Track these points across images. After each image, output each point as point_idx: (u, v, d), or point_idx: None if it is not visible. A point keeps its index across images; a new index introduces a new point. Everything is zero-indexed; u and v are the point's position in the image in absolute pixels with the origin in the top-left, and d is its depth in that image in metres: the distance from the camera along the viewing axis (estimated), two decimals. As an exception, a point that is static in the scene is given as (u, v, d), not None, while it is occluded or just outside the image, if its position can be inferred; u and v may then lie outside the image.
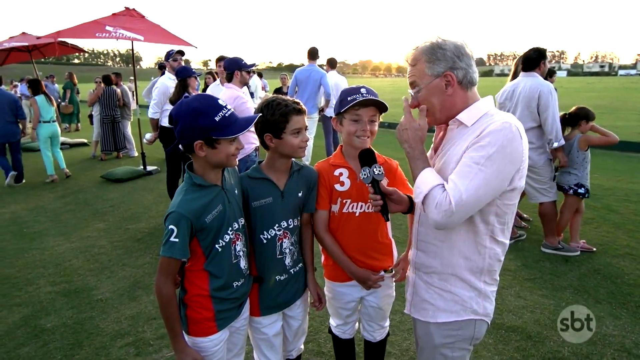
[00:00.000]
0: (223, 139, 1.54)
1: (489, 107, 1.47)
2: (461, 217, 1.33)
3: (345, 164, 1.92)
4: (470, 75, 1.45)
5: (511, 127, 1.33)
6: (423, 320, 1.60)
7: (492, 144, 1.31)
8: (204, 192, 1.60)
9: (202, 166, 1.61)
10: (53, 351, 2.87)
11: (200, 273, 1.66)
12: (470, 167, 1.32)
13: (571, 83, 45.31)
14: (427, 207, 1.37)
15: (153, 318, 3.21)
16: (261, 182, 1.83)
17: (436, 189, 1.36)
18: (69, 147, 11.14)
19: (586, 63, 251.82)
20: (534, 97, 3.89)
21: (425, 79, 1.46)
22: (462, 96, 1.47)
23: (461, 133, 1.47)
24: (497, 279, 1.57)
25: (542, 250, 4.19)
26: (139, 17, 7.97)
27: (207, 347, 1.68)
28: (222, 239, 1.65)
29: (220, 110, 1.53)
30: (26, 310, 3.40)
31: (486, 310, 1.54)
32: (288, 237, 1.87)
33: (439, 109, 1.49)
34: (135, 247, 4.58)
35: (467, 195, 1.30)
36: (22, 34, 10.29)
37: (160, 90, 5.42)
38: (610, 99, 22.94)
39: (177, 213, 1.52)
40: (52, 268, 4.14)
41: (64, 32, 7.58)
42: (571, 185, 4.08)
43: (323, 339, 2.92)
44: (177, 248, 1.51)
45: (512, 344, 2.81)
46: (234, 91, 4.30)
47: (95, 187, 7.21)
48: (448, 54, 1.42)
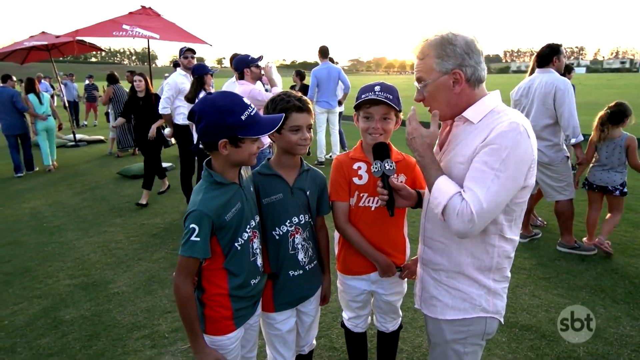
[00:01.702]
0: (248, 138, 1.53)
1: (496, 103, 1.45)
2: (483, 225, 1.33)
3: (364, 158, 1.94)
4: (478, 73, 1.42)
5: (519, 126, 1.31)
6: (432, 317, 1.59)
7: (505, 147, 1.28)
8: (223, 190, 1.59)
9: (222, 164, 1.60)
10: (72, 342, 2.94)
11: (219, 272, 1.65)
12: (486, 173, 1.30)
13: (590, 80, 44.34)
14: (449, 218, 1.35)
15: (168, 311, 3.26)
16: (271, 178, 1.84)
17: (454, 198, 1.34)
18: (87, 144, 11.37)
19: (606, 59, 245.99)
20: (549, 93, 3.82)
21: (433, 74, 1.42)
22: (469, 94, 1.44)
23: (467, 130, 1.44)
24: (508, 276, 1.55)
25: (558, 249, 4.13)
26: (155, 15, 8.08)
27: (224, 345, 1.68)
28: (240, 237, 1.64)
29: (247, 109, 1.52)
30: (46, 302, 3.49)
31: (496, 307, 1.52)
32: (300, 233, 1.88)
33: (444, 105, 1.46)
34: (151, 242, 4.66)
35: (488, 203, 1.29)
36: (42, 33, 10.51)
37: (170, 86, 5.49)
38: (630, 96, 22.37)
39: (199, 211, 1.50)
40: (70, 262, 4.24)
41: (82, 31, 7.74)
42: (617, 186, 3.93)
43: (335, 334, 2.93)
44: (198, 247, 1.49)
45: (526, 343, 2.78)
46: (248, 86, 4.32)
47: (112, 183, 7.35)
48: (458, 50, 1.38)
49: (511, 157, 1.29)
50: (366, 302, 2.16)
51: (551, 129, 3.90)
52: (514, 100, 4.23)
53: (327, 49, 7.78)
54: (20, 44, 10.17)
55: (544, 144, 3.91)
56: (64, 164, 9.07)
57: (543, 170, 4.01)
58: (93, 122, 16.41)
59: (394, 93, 1.81)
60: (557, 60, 3.94)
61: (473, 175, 1.33)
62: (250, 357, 1.95)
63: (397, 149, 1.99)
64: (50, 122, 8.49)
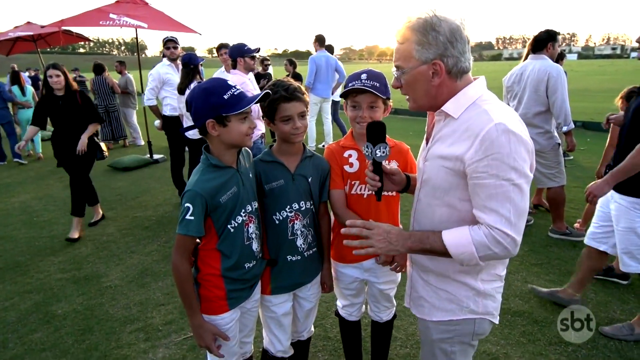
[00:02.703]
0: (232, 115, 1.58)
1: (479, 93, 1.34)
2: (521, 235, 1.27)
3: (354, 145, 1.94)
4: (461, 64, 1.30)
5: (506, 126, 1.21)
6: (420, 317, 1.57)
7: (506, 154, 1.21)
8: (219, 173, 1.65)
9: (218, 147, 1.66)
10: (64, 336, 2.93)
11: (212, 252, 1.72)
12: (503, 187, 1.22)
13: (582, 66, 44.49)
14: (490, 256, 1.28)
15: (161, 304, 3.25)
16: (273, 165, 1.87)
17: (474, 235, 1.27)
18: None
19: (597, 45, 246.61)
20: (542, 80, 3.81)
21: (411, 62, 1.31)
22: (450, 86, 1.33)
23: (450, 127, 1.35)
24: (500, 274, 1.48)
25: (549, 236, 4.16)
26: (143, 4, 7.91)
27: (219, 324, 1.74)
28: (234, 219, 1.70)
29: (230, 89, 1.58)
30: (37, 296, 3.46)
31: (487, 308, 1.46)
32: (300, 219, 1.90)
33: (423, 96, 1.37)
34: (143, 235, 4.63)
35: (517, 216, 1.24)
36: (27, 24, 10.26)
37: (153, 77, 5.44)
38: (622, 82, 22.41)
39: (193, 191, 1.58)
40: (62, 256, 4.20)
41: (68, 20, 7.57)
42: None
43: (329, 324, 2.94)
44: (192, 225, 1.56)
45: (519, 329, 2.81)
46: (240, 77, 4.28)
47: (103, 176, 7.26)
48: (441, 38, 1.26)
49: (517, 159, 1.22)
50: (360, 290, 2.16)
51: (543, 116, 3.90)
52: (506, 86, 4.23)
53: (324, 37, 7.74)
54: (5, 35, 9.93)
55: (535, 131, 3.91)
56: (53, 157, 8.92)
57: (535, 157, 4.01)
58: None
59: (382, 80, 1.79)
60: (552, 47, 3.93)
61: (490, 193, 1.23)
62: (246, 342, 2.00)
63: (387, 136, 1.97)
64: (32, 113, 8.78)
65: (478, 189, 1.26)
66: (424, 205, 1.46)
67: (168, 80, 5.40)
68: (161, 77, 5.41)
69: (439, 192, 1.38)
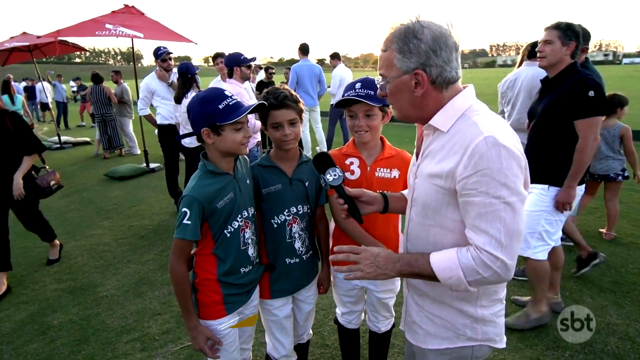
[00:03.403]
0: (227, 125, 1.61)
1: (468, 104, 1.26)
2: (515, 258, 1.18)
3: (356, 153, 1.97)
4: (446, 74, 1.22)
5: (495, 139, 1.13)
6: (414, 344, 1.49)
7: (496, 169, 1.13)
8: (216, 179, 1.69)
9: (214, 154, 1.70)
10: (60, 347, 2.90)
11: (209, 257, 1.75)
12: (493, 205, 1.14)
13: (575, 73, 44.86)
14: (479, 281, 1.19)
15: (158, 314, 3.23)
16: (271, 169, 1.91)
17: (462, 258, 1.19)
18: (72, 146, 11.20)
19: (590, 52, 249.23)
20: (535, 87, 3.84)
21: (393, 71, 1.25)
22: (435, 97, 1.25)
23: (440, 141, 1.27)
24: (501, 297, 1.39)
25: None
26: (139, 14, 7.96)
27: (217, 330, 1.76)
28: (231, 225, 1.73)
29: (225, 99, 1.62)
30: (33, 307, 3.43)
31: (487, 335, 1.36)
32: (297, 223, 1.93)
33: (408, 106, 1.29)
34: (140, 244, 4.61)
35: (507, 238, 1.14)
36: (23, 34, 10.29)
37: (142, 89, 5.72)
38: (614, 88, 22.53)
39: (190, 196, 1.62)
40: (57, 266, 4.17)
41: (64, 31, 7.59)
42: (618, 172, 4.10)
43: (327, 331, 2.93)
44: (189, 230, 1.61)
45: (516, 334, 2.81)
46: (236, 87, 4.30)
47: (99, 185, 7.25)
48: (423, 47, 1.18)
49: (508, 175, 1.13)
50: (359, 298, 2.17)
51: None
52: (500, 92, 4.28)
53: (308, 46, 7.74)
54: (1, 45, 9.94)
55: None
56: (49, 166, 8.91)
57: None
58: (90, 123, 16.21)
59: (376, 88, 1.81)
60: None
61: (479, 212, 1.15)
62: (245, 348, 2.01)
63: (389, 144, 2.01)
64: None
65: (468, 207, 1.18)
66: (416, 225, 1.39)
67: (154, 90, 5.61)
68: (148, 88, 5.65)
69: (430, 212, 1.31)
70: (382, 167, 1.94)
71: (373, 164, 1.94)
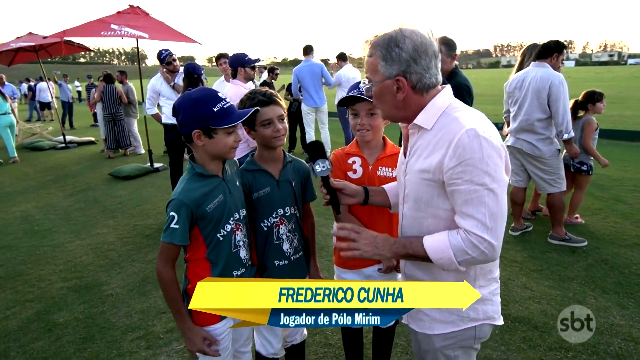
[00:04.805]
0: (220, 129, 1.59)
1: (447, 102, 1.37)
2: (501, 239, 1.28)
3: (359, 152, 1.98)
4: (425, 80, 1.32)
5: (476, 131, 1.24)
6: (421, 332, 1.55)
7: (478, 158, 1.23)
8: (205, 182, 1.65)
9: (202, 156, 1.66)
10: (66, 345, 2.93)
11: (202, 262, 1.70)
12: (477, 192, 1.24)
13: (579, 73, 44.72)
14: (468, 260, 1.29)
15: (162, 312, 3.26)
16: (259, 173, 1.89)
17: (452, 240, 1.29)
18: (77, 146, 11.26)
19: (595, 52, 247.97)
20: (544, 88, 3.84)
21: (378, 76, 1.35)
22: (417, 100, 1.36)
23: (425, 138, 1.37)
24: (496, 276, 1.50)
25: (549, 242, 4.18)
26: (144, 14, 8.00)
27: (213, 335, 1.73)
28: (223, 228, 1.69)
29: (220, 102, 1.58)
30: (39, 305, 3.47)
31: (486, 313, 1.46)
32: (285, 224, 1.92)
33: (392, 108, 1.40)
34: (144, 243, 4.64)
35: (492, 220, 1.25)
36: (29, 34, 10.38)
37: (148, 89, 5.92)
38: (619, 89, 22.67)
39: (179, 200, 1.58)
40: (63, 264, 4.21)
41: (70, 31, 7.64)
42: (574, 163, 4.32)
43: (330, 330, 2.95)
44: (177, 234, 1.57)
45: (519, 335, 2.82)
46: (240, 88, 4.33)
47: (104, 184, 7.29)
48: (404, 55, 1.28)
49: (489, 163, 1.24)
50: None
51: (544, 123, 3.93)
52: (507, 92, 4.27)
53: (310, 46, 7.70)
54: (7, 45, 10.02)
55: (536, 137, 3.95)
56: (54, 165, 9.00)
57: (535, 163, 4.05)
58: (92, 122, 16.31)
59: None
60: (556, 58, 3.95)
61: (465, 198, 1.26)
62: (243, 351, 1.99)
63: (391, 143, 2.02)
64: (11, 119, 9.47)
65: (456, 195, 1.29)
66: (410, 219, 1.48)
67: (160, 90, 5.81)
68: (154, 88, 5.84)
69: (423, 205, 1.40)
70: (384, 165, 1.96)
71: (375, 162, 1.96)
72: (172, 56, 5.71)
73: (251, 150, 4.48)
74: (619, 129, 9.68)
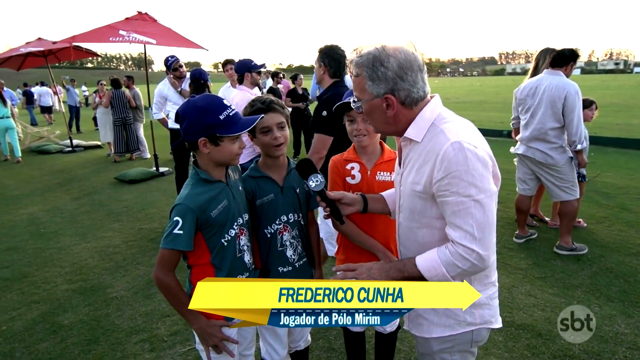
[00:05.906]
0: (226, 136, 1.59)
1: (436, 113, 1.38)
2: (492, 248, 1.31)
3: (357, 158, 1.99)
4: (413, 94, 1.34)
5: (461, 144, 1.26)
6: (419, 336, 1.59)
7: (464, 170, 1.25)
8: (209, 187, 1.65)
9: (206, 163, 1.67)
10: (71, 346, 2.95)
11: (206, 267, 1.70)
12: (464, 203, 1.26)
13: (585, 81, 44.57)
14: (459, 273, 1.32)
15: (167, 315, 3.27)
16: (262, 180, 1.89)
17: (441, 255, 1.32)
18: (83, 150, 11.36)
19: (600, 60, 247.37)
20: (560, 97, 3.78)
21: (366, 95, 1.37)
22: (406, 114, 1.38)
23: (416, 150, 1.40)
24: (493, 280, 1.52)
25: (555, 251, 4.13)
26: (151, 21, 8.09)
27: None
28: (227, 233, 1.69)
29: (225, 110, 1.59)
30: (44, 307, 3.50)
31: (483, 318, 1.48)
32: (288, 231, 1.92)
33: (383, 124, 1.43)
34: (149, 247, 4.67)
35: (481, 230, 1.27)
36: (38, 39, 10.51)
37: (155, 94, 6.05)
38: (625, 97, 22.57)
39: (184, 205, 1.56)
40: (68, 267, 4.24)
41: (79, 36, 7.74)
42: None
43: (333, 335, 2.95)
44: (181, 240, 1.54)
45: (522, 342, 2.81)
46: (246, 94, 4.37)
47: (110, 188, 7.35)
48: (389, 74, 1.30)
49: (475, 175, 1.25)
50: None
51: (558, 132, 3.88)
52: (518, 99, 4.21)
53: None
54: (17, 50, 10.17)
55: (549, 146, 3.92)
56: (61, 169, 9.09)
57: (549, 171, 4.01)
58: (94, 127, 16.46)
59: None
60: (571, 67, 3.92)
61: (453, 210, 1.29)
62: (247, 354, 1.99)
63: (389, 148, 2.04)
64: (9, 122, 9.98)
65: (444, 207, 1.31)
66: (406, 229, 1.51)
67: (167, 95, 5.92)
68: (161, 93, 5.96)
69: (417, 215, 1.43)
70: (383, 170, 1.97)
71: (373, 168, 1.97)
72: (179, 62, 5.79)
73: (257, 155, 4.54)
74: (625, 137, 9.65)
